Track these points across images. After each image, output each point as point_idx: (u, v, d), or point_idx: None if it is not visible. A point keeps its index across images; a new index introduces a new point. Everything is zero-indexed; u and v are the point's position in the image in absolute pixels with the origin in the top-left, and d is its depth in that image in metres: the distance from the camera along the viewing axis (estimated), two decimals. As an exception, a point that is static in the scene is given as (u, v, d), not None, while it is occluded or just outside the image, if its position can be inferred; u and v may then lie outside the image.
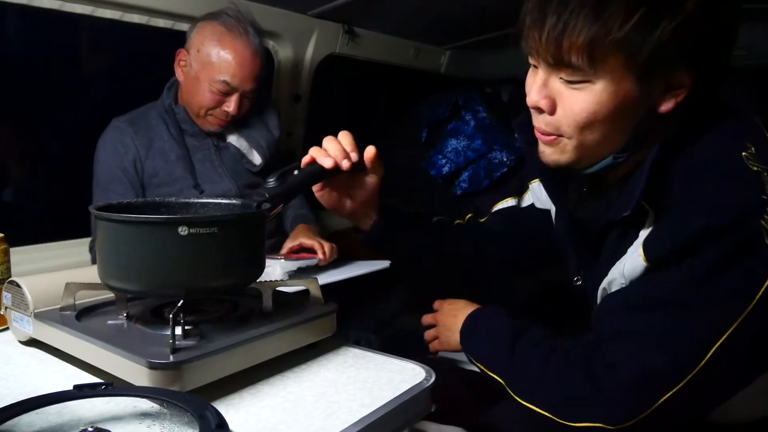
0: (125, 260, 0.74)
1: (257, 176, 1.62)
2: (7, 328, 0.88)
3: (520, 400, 0.79)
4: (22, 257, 1.30)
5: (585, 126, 0.73)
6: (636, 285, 0.75)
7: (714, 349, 0.67)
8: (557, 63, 0.72)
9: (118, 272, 0.75)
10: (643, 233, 0.75)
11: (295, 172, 1.08)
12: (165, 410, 0.60)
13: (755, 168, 0.69)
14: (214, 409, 0.56)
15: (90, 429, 0.56)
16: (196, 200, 0.91)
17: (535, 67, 0.77)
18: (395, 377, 0.78)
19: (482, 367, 0.87)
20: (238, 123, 1.57)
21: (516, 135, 0.92)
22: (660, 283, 0.71)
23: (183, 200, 0.90)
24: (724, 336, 0.67)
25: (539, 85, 0.75)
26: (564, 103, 0.74)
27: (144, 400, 0.61)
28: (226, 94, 1.46)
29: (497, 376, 0.84)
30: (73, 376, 0.76)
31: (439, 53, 2.55)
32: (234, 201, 0.91)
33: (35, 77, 1.70)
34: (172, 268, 0.74)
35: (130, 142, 1.47)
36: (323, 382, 0.77)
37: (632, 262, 0.75)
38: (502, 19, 1.11)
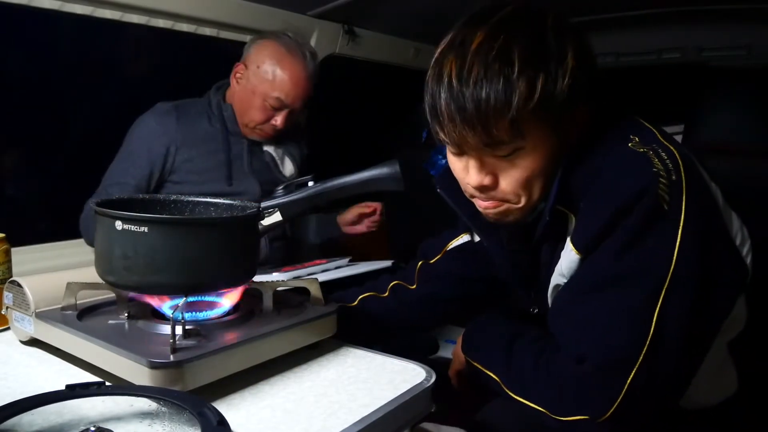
0: (126, 256, 0.75)
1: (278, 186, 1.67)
2: (8, 328, 0.89)
3: (514, 396, 0.82)
4: (23, 257, 1.30)
5: (527, 186, 0.81)
6: (575, 276, 0.82)
7: (656, 314, 0.73)
8: (488, 145, 0.78)
9: (113, 268, 0.76)
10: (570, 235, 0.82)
11: (310, 183, 1.08)
12: (165, 409, 0.60)
13: (641, 150, 0.78)
14: (212, 406, 0.57)
15: (92, 429, 0.56)
16: (192, 199, 0.92)
17: (458, 153, 0.82)
18: (395, 377, 0.78)
19: (480, 367, 0.89)
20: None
21: (439, 190, 0.97)
22: (594, 266, 0.78)
23: (177, 198, 0.91)
24: (660, 299, 0.73)
25: (477, 167, 0.81)
26: (505, 175, 0.81)
27: (144, 399, 0.61)
28: (277, 109, 1.57)
29: (494, 374, 0.86)
30: (74, 376, 0.76)
31: (439, 53, 2.54)
32: (232, 202, 0.91)
33: (36, 77, 1.69)
34: (170, 265, 0.74)
35: (171, 126, 1.52)
36: (324, 382, 0.77)
37: (567, 259, 0.82)
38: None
